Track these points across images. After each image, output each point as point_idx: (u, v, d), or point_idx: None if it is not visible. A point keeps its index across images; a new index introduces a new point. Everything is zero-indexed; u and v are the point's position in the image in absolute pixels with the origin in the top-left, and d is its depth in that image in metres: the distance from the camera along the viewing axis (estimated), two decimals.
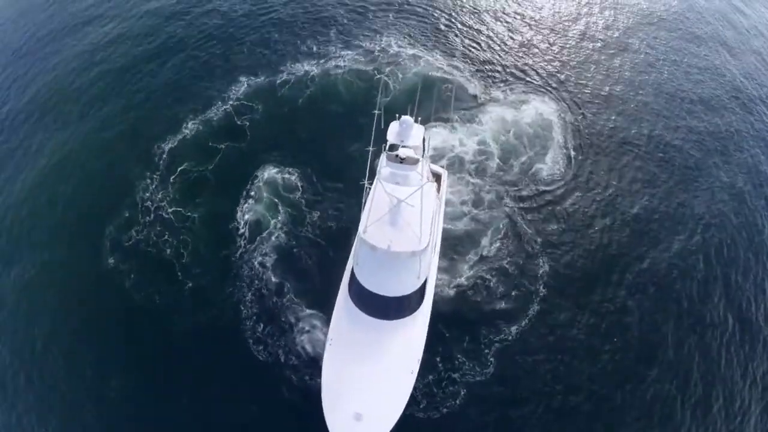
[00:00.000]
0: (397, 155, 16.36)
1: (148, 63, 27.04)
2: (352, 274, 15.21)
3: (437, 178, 18.89)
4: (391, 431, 12.97)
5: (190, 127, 23.09)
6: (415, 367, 14.06)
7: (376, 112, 16.14)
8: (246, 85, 24.77)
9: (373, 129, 16.12)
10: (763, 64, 29.25)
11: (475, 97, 24.69)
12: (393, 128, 16.53)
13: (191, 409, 15.87)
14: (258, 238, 19.36)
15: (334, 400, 13.10)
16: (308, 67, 25.49)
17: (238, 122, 23.26)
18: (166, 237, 19.60)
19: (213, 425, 15.64)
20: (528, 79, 26.04)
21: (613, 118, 24.62)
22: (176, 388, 16.26)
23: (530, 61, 27.05)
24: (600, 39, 28.98)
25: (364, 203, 15.99)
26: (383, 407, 13.17)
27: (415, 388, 14.26)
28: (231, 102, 24.10)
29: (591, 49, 28.24)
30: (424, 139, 16.92)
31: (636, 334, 17.64)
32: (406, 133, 16.16)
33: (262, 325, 17.14)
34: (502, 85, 25.56)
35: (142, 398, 16.34)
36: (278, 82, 24.85)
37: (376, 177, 15.87)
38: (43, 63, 28.34)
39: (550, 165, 22.05)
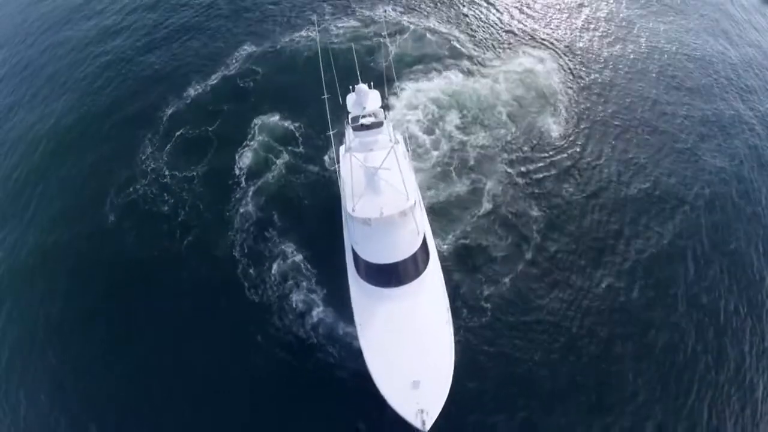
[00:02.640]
0: (362, 124, 16.64)
1: (153, 31, 27.89)
2: (355, 254, 14.84)
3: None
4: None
5: (194, 91, 23.66)
6: (449, 317, 13.82)
7: (324, 96, 16.28)
8: (249, 51, 25.29)
9: (328, 113, 16.32)
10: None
11: (470, 58, 24.84)
12: (350, 99, 16.77)
13: (197, 358, 15.84)
14: (254, 185, 19.74)
15: (387, 379, 12.63)
16: (308, 33, 25.84)
17: (241, 84, 23.71)
18: (165, 195, 19.96)
19: (218, 373, 15.52)
20: (527, 42, 25.97)
21: (615, 84, 24.27)
22: (180, 338, 16.29)
23: (532, 28, 26.94)
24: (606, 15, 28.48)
25: (342, 185, 16.06)
26: (435, 365, 12.87)
27: None
28: (234, 67, 24.61)
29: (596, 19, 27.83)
30: (382, 103, 17.27)
31: (632, 296, 16.99)
32: (364, 99, 16.48)
33: (253, 268, 17.38)
34: (499, 49, 25.62)
35: (148, 350, 16.25)
36: (279, 46, 25.33)
37: (347, 152, 15.91)
38: (53, 34, 29.15)
39: (548, 126, 21.87)
